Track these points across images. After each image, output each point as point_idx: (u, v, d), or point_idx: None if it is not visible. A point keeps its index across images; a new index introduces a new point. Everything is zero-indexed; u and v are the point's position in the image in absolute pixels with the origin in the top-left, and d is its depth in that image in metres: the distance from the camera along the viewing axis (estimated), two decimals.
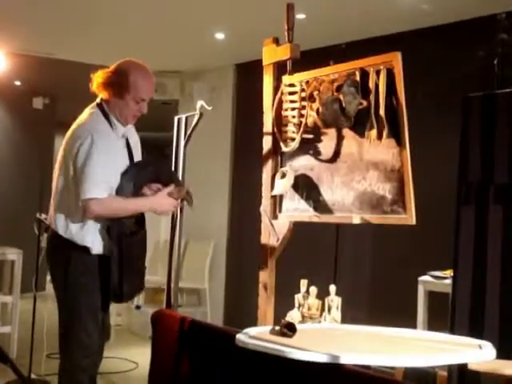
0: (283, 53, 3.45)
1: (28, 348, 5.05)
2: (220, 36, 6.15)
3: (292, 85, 3.42)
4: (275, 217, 3.50)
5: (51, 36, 6.42)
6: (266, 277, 3.47)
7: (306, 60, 3.38)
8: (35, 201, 4.10)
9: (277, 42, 3.54)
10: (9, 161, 8.79)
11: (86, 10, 5.56)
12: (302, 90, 3.34)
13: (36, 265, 4.67)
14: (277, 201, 3.50)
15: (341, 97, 3.05)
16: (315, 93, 3.25)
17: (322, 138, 3.29)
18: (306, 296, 3.35)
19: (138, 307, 7.15)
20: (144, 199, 3.25)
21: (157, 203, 3.26)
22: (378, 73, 3.00)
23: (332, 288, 3.34)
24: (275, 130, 3.48)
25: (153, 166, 3.33)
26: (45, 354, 5.03)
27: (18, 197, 8.29)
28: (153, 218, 3.86)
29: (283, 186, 3.32)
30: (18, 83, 8.73)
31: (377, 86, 3.00)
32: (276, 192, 3.38)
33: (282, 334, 2.51)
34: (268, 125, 3.54)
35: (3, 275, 6.12)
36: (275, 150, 3.52)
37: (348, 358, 2.21)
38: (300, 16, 5.01)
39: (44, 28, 6.17)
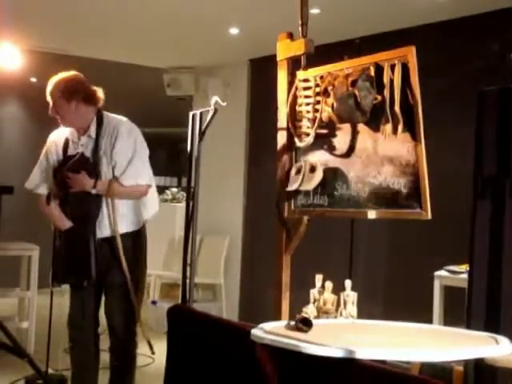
0: (297, 48, 3.44)
1: (45, 343, 5.08)
2: (234, 31, 6.14)
3: (306, 80, 3.41)
4: (290, 212, 3.50)
5: (66, 33, 6.45)
6: (281, 272, 3.48)
7: (321, 55, 3.37)
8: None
9: (291, 37, 3.53)
10: (25, 157, 8.81)
11: (100, 7, 5.58)
12: (317, 85, 3.33)
13: (52, 260, 4.68)
14: (292, 196, 3.50)
15: (355, 92, 3.04)
16: (330, 88, 3.25)
17: (337, 132, 3.29)
18: (322, 291, 3.35)
19: (153, 302, 7.18)
20: None
21: None
22: (392, 67, 2.99)
23: (348, 283, 3.34)
24: (290, 125, 3.48)
25: None
26: (62, 349, 5.05)
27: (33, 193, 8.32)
28: (168, 214, 3.88)
29: (313, 181, 3.32)
30: (33, 80, 8.78)
31: (391, 80, 2.99)
32: (308, 187, 3.36)
33: (298, 329, 2.52)
34: (282, 120, 3.53)
35: (20, 271, 6.16)
36: (290, 145, 3.52)
37: (364, 353, 2.21)
38: (314, 11, 5.01)
39: (59, 25, 6.20)
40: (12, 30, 6.18)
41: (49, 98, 3.77)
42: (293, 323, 2.56)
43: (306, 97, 3.40)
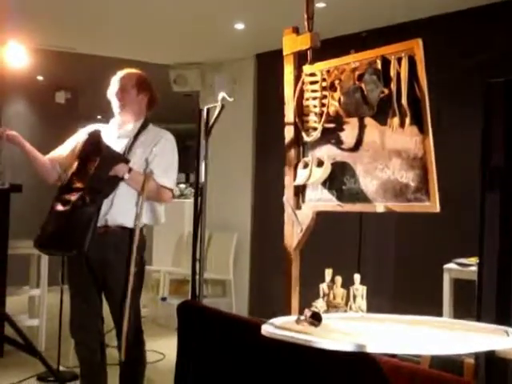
0: (303, 42, 3.44)
1: (56, 340, 5.11)
2: (240, 27, 6.14)
3: (313, 74, 3.40)
4: (298, 207, 3.50)
5: (72, 30, 6.46)
6: (290, 267, 3.48)
7: (327, 49, 3.36)
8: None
9: (297, 31, 3.52)
10: None
11: (105, 4, 5.59)
12: (323, 80, 3.33)
13: (62, 258, 4.70)
14: (299, 191, 3.50)
15: (362, 85, 3.04)
16: (336, 82, 3.24)
17: (344, 127, 3.28)
18: (331, 285, 3.35)
19: (163, 299, 7.20)
20: None
21: None
22: (399, 60, 2.98)
23: (357, 277, 3.33)
24: (297, 119, 3.47)
25: None
26: (73, 347, 5.07)
27: (42, 191, 8.33)
28: (176, 210, 3.89)
29: (320, 175, 3.31)
30: (40, 78, 8.80)
31: (398, 73, 2.98)
32: (315, 182, 3.35)
33: (308, 324, 2.52)
34: (289, 115, 3.53)
35: (30, 269, 6.19)
36: (297, 140, 3.51)
37: (374, 347, 2.21)
38: (320, 5, 5.00)
39: (65, 23, 6.21)
40: (18, 29, 6.19)
41: (119, 82, 3.89)
42: (303, 318, 2.57)
43: (313, 91, 3.39)
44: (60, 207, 3.66)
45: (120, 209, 3.68)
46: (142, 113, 3.91)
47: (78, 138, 3.95)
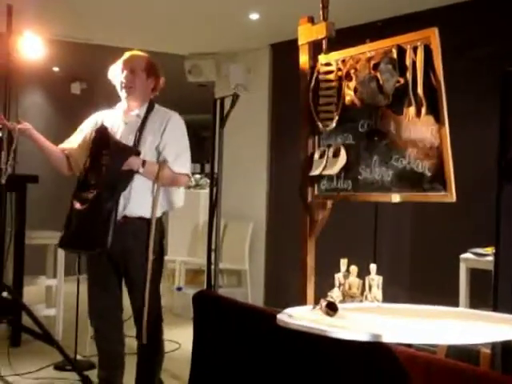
0: (319, 31, 3.43)
1: (73, 330, 5.14)
2: (254, 16, 6.13)
3: (328, 64, 3.40)
4: (314, 197, 3.50)
5: (88, 21, 6.47)
6: (305, 256, 3.48)
7: (342, 38, 3.35)
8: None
9: (312, 20, 3.51)
10: None
11: None
12: (339, 69, 3.32)
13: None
14: (315, 180, 3.49)
15: (378, 75, 3.03)
16: (352, 71, 3.23)
17: (360, 116, 3.28)
18: (347, 275, 3.34)
19: (179, 288, 7.23)
20: None
21: None
22: (415, 49, 2.97)
23: (372, 267, 3.33)
24: (312, 109, 3.47)
25: None
26: (89, 336, 5.11)
27: (58, 181, 8.36)
28: (191, 200, 3.89)
29: (336, 165, 3.30)
30: (56, 69, 8.83)
31: (414, 62, 2.97)
32: (331, 172, 3.35)
33: (324, 314, 2.52)
34: (305, 105, 3.53)
35: (47, 259, 6.23)
36: (313, 130, 3.51)
37: (390, 337, 2.21)
38: None
39: (81, 14, 6.22)
40: (34, 20, 6.21)
41: (128, 65, 3.86)
42: (318, 307, 2.57)
43: (328, 81, 3.38)
44: (78, 206, 3.67)
45: (138, 202, 3.69)
46: (147, 97, 3.88)
47: (88, 125, 3.98)
